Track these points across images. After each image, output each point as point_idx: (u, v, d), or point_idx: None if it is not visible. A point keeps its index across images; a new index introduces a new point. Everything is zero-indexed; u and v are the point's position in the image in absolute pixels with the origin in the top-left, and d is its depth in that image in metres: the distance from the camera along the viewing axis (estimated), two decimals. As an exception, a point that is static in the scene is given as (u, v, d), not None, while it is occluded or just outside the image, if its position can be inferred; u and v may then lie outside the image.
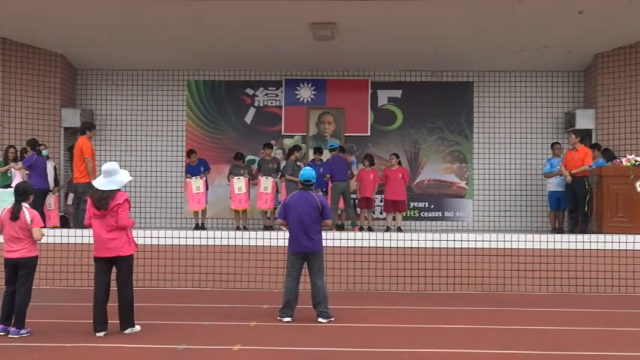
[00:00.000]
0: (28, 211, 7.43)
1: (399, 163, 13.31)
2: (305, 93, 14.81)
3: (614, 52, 13.42)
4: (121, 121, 14.87)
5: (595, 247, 10.76)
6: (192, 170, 13.40)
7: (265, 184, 13.00)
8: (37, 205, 9.10)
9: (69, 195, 13.49)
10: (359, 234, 11.16)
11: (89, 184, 10.20)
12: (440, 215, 14.57)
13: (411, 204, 14.34)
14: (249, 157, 14.25)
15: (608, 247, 10.74)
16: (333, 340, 7.24)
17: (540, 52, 13.43)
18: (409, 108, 14.73)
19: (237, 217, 13.30)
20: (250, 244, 11.00)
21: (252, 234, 11.14)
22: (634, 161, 11.23)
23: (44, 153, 12.35)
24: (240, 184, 13.01)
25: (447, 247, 10.92)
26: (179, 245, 11.04)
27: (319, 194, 8.75)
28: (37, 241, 7.50)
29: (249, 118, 14.84)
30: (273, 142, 14.33)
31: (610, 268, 10.70)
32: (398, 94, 14.78)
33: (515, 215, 14.48)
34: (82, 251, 10.79)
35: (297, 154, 13.20)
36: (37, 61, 13.69)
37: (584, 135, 12.81)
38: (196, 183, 13.11)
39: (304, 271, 8.38)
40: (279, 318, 8.25)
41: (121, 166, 7.88)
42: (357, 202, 13.81)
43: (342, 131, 14.74)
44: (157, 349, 6.86)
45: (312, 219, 8.16)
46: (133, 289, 7.59)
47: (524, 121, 14.61)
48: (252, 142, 14.59)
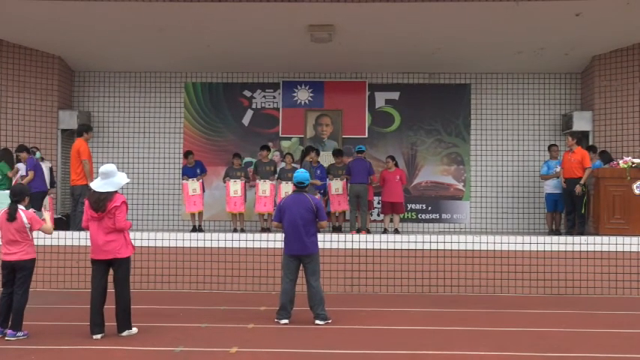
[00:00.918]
0: (24, 213, 7.45)
1: (395, 165, 13.31)
2: (302, 95, 14.81)
3: (611, 54, 13.44)
4: (119, 123, 14.84)
5: (592, 249, 10.78)
6: (188, 172, 13.39)
7: (263, 187, 12.99)
8: (35, 208, 9.09)
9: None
10: (356, 236, 11.16)
11: (86, 186, 10.21)
12: (437, 217, 14.57)
13: (409, 206, 14.34)
14: (246, 159, 14.24)
15: (605, 248, 10.75)
16: (330, 342, 7.25)
17: (538, 54, 13.44)
18: (406, 110, 14.73)
19: (233, 220, 13.29)
20: (247, 246, 11.00)
21: (249, 236, 11.14)
22: (631, 163, 11.24)
23: (37, 155, 12.34)
24: (236, 187, 12.98)
25: (445, 249, 10.92)
26: (176, 247, 11.04)
27: (314, 196, 8.76)
28: (50, 234, 7.85)
29: (246, 120, 14.83)
30: (270, 144, 14.32)
31: (607, 270, 10.71)
32: (395, 96, 14.78)
33: (513, 217, 14.48)
34: (80, 253, 10.78)
35: (312, 154, 13.22)
36: (34, 63, 13.67)
37: (580, 137, 12.82)
38: (193, 185, 13.10)
39: (301, 273, 8.39)
40: (276, 320, 8.25)
41: (119, 169, 7.89)
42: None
43: (340, 133, 14.73)
44: (155, 351, 6.86)
45: (306, 221, 8.17)
46: (130, 291, 7.59)
47: (521, 123, 14.61)
48: (249, 144, 14.57)
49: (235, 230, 12.88)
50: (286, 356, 6.71)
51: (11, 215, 7.39)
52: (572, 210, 11.95)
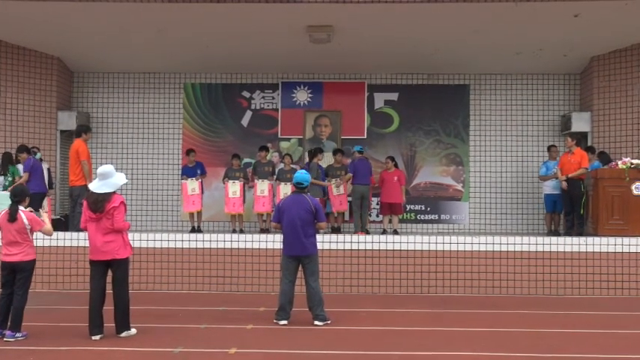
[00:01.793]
0: (24, 214, 7.45)
1: (395, 165, 13.31)
2: (301, 96, 14.81)
3: (610, 55, 13.45)
4: (118, 124, 14.84)
5: (591, 250, 10.77)
6: (188, 172, 13.38)
7: (262, 187, 12.99)
8: (34, 209, 9.06)
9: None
10: (355, 237, 11.15)
11: (85, 186, 10.21)
12: (436, 218, 14.57)
13: (408, 206, 14.34)
14: (245, 160, 14.24)
15: (604, 249, 10.76)
16: (329, 343, 7.25)
17: (536, 55, 13.45)
18: (405, 111, 14.73)
19: (232, 220, 13.29)
20: (246, 246, 11.00)
21: (248, 237, 11.14)
22: (630, 164, 11.24)
23: (37, 156, 12.33)
24: (235, 188, 12.99)
25: (444, 250, 10.92)
26: (175, 248, 11.03)
27: (313, 197, 8.76)
28: (50, 235, 7.84)
29: (245, 120, 14.83)
30: (269, 144, 14.32)
31: (606, 270, 10.71)
32: (394, 96, 14.78)
33: (512, 218, 14.48)
34: (78, 254, 10.77)
35: (320, 156, 13.27)
36: (33, 64, 13.66)
37: (579, 138, 12.83)
38: (192, 184, 13.10)
39: (300, 274, 8.39)
40: (275, 321, 8.25)
41: (118, 169, 7.89)
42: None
43: (339, 134, 14.74)
44: (153, 352, 6.86)
45: (305, 222, 8.17)
46: (128, 292, 7.59)
47: (520, 124, 14.62)
48: (248, 145, 14.56)
49: (234, 231, 12.89)
50: (285, 357, 6.71)
51: (12, 216, 7.39)
52: (571, 211, 11.95)
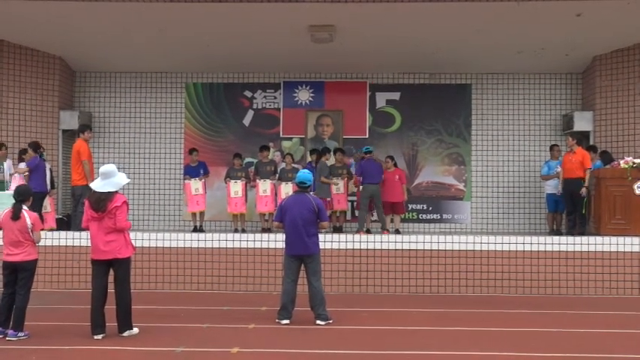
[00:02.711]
0: (28, 214, 7.47)
1: (395, 165, 13.29)
2: (303, 95, 14.82)
3: (612, 55, 13.43)
4: (120, 124, 14.85)
5: (593, 249, 10.77)
6: (191, 172, 13.37)
7: (264, 187, 13.00)
8: (35, 208, 9.09)
9: None
10: (357, 236, 11.16)
11: (87, 186, 10.20)
12: (438, 217, 14.57)
13: (409, 206, 14.34)
14: (247, 160, 14.23)
15: (606, 249, 10.75)
16: (331, 343, 7.25)
17: (538, 54, 13.44)
18: (407, 110, 14.73)
19: (235, 220, 13.29)
20: (248, 246, 11.00)
21: (251, 236, 11.14)
22: (632, 163, 11.23)
23: (42, 156, 12.33)
24: (237, 187, 12.99)
25: (446, 250, 10.92)
26: (177, 248, 11.04)
27: (315, 196, 8.78)
28: (37, 243, 7.59)
29: (247, 120, 14.84)
30: (271, 144, 14.32)
31: (608, 270, 10.71)
32: (396, 96, 14.78)
33: (514, 217, 14.47)
34: (80, 254, 10.77)
35: (327, 156, 13.34)
36: (35, 64, 13.67)
37: (581, 137, 12.83)
38: (195, 184, 13.10)
39: (302, 274, 8.39)
40: (277, 320, 8.25)
41: (120, 169, 7.90)
42: (354, 204, 13.81)
43: (341, 133, 14.74)
44: (156, 351, 6.87)
45: (308, 221, 8.17)
46: (130, 291, 7.59)
47: (522, 123, 14.61)
48: (250, 145, 14.56)
49: (236, 231, 12.89)
50: (287, 356, 6.71)
51: (15, 214, 7.41)
52: (572, 210, 11.95)
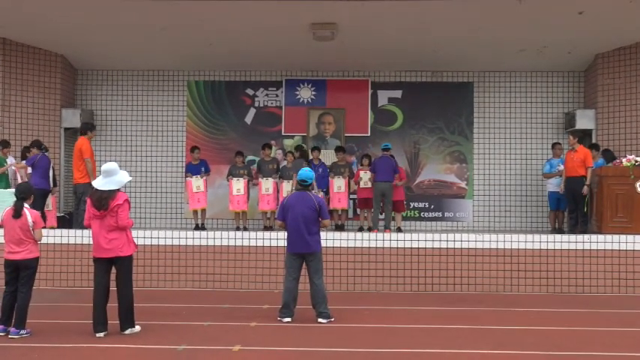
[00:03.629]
0: (29, 212, 7.46)
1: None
2: (305, 93, 14.81)
3: (614, 53, 13.42)
4: (122, 122, 14.86)
5: (595, 248, 10.76)
6: (192, 169, 13.37)
7: (266, 185, 13.00)
8: (37, 206, 9.10)
9: None
10: (359, 234, 11.15)
11: (89, 184, 10.21)
12: (440, 215, 14.56)
13: (411, 204, 14.34)
14: (249, 158, 14.24)
15: (608, 247, 10.74)
16: (333, 341, 7.25)
17: (540, 52, 13.43)
18: (409, 108, 14.72)
19: (236, 218, 13.30)
20: (250, 244, 11.00)
21: (252, 234, 11.14)
22: (634, 161, 11.22)
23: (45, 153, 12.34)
24: (239, 185, 13.00)
25: (447, 248, 10.92)
26: (179, 245, 11.04)
27: (317, 195, 8.78)
28: (38, 241, 7.57)
29: (249, 118, 14.84)
30: (273, 142, 14.32)
31: (610, 268, 10.70)
32: (398, 94, 14.78)
33: (515, 215, 14.47)
34: (82, 252, 10.78)
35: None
36: (37, 62, 13.68)
37: (582, 135, 12.80)
38: (197, 182, 13.10)
39: (303, 272, 8.39)
40: (279, 318, 8.25)
41: (121, 167, 7.90)
42: (356, 202, 13.81)
43: (342, 131, 14.73)
44: (157, 349, 6.87)
45: (309, 219, 8.17)
46: (132, 289, 7.59)
47: (524, 122, 14.60)
48: (252, 143, 14.57)
49: (238, 228, 12.90)
50: (289, 355, 6.71)
51: (17, 212, 7.40)
52: (574, 208, 11.94)
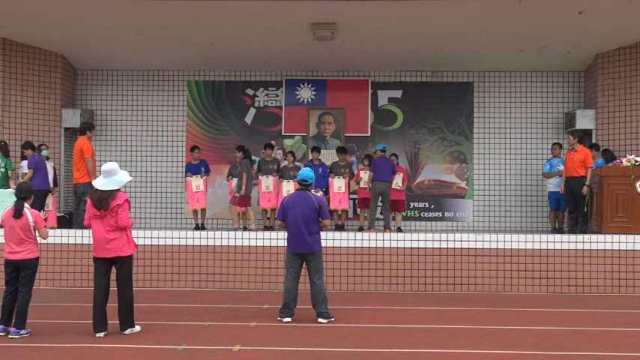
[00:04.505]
0: (29, 212, 7.47)
1: (397, 163, 13.27)
2: (305, 93, 14.81)
3: (614, 53, 13.42)
4: (122, 122, 14.87)
5: (595, 248, 10.76)
6: (192, 169, 13.38)
7: (267, 182, 13.01)
8: (36, 206, 9.11)
9: None
10: (359, 234, 11.15)
11: (89, 184, 10.22)
12: (440, 215, 14.57)
13: (411, 204, 14.35)
14: (249, 158, 14.24)
15: (608, 247, 10.74)
16: (333, 341, 7.25)
17: (540, 52, 13.43)
18: (409, 108, 14.73)
19: (237, 218, 13.29)
20: (250, 244, 11.01)
21: (252, 234, 11.14)
22: (634, 161, 11.23)
23: (44, 153, 12.34)
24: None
25: (447, 248, 10.92)
26: (179, 245, 11.04)
27: (317, 194, 8.78)
28: (44, 239, 7.65)
29: (249, 118, 14.85)
30: (273, 142, 14.33)
31: (610, 268, 10.70)
32: (398, 94, 14.78)
33: (515, 215, 14.48)
34: (82, 252, 10.80)
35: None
36: (37, 62, 13.69)
37: (582, 135, 12.81)
38: (196, 182, 13.11)
39: (304, 272, 8.40)
40: (279, 318, 8.26)
41: (121, 167, 7.90)
42: (356, 202, 13.81)
43: (343, 131, 14.74)
44: (157, 349, 6.87)
45: (309, 219, 8.17)
46: (132, 289, 7.60)
47: (524, 122, 14.61)
48: (252, 143, 14.56)
49: (244, 228, 12.90)
50: (289, 354, 6.71)
51: (18, 212, 7.40)
52: (574, 208, 11.95)
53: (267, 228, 13.06)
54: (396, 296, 10.38)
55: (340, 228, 13.18)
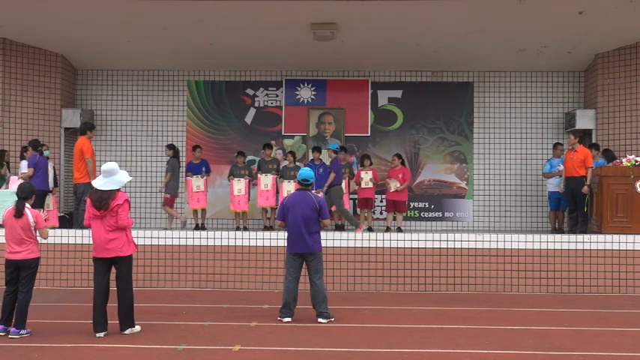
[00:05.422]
0: (30, 212, 7.47)
1: (402, 163, 13.28)
2: (305, 93, 14.81)
3: (614, 53, 13.42)
4: (122, 122, 14.87)
5: (595, 248, 10.76)
6: (193, 169, 13.37)
7: (265, 181, 13.01)
8: (35, 206, 9.10)
9: None
10: (359, 234, 11.15)
11: (89, 184, 10.21)
12: (440, 215, 14.57)
13: (411, 204, 14.35)
14: (249, 158, 14.24)
15: (608, 247, 10.74)
16: (333, 341, 7.25)
17: (540, 52, 13.43)
18: (409, 108, 14.73)
19: (237, 218, 13.31)
20: (250, 244, 11.01)
21: (252, 234, 11.14)
22: (634, 161, 11.23)
23: (46, 154, 12.34)
24: (240, 185, 13.01)
25: (447, 248, 10.92)
26: (179, 245, 11.04)
27: (317, 194, 8.78)
28: (44, 239, 7.65)
29: (249, 118, 14.85)
30: (273, 142, 14.33)
31: (610, 268, 10.71)
32: (398, 94, 14.78)
33: (515, 215, 14.47)
34: (83, 252, 10.80)
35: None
36: (37, 62, 13.68)
37: (582, 135, 12.80)
38: (197, 182, 13.11)
39: (304, 272, 8.40)
40: (279, 318, 8.26)
41: (121, 167, 7.90)
42: (356, 202, 13.81)
43: (343, 131, 14.73)
44: (157, 349, 6.87)
45: (309, 219, 8.17)
46: (132, 289, 7.60)
47: (524, 122, 14.60)
48: (252, 143, 14.59)
49: (238, 228, 12.90)
50: (289, 354, 6.71)
51: (19, 212, 7.41)
52: (574, 208, 11.95)
53: (267, 228, 13.06)
54: (396, 296, 10.39)
55: (340, 228, 13.18)
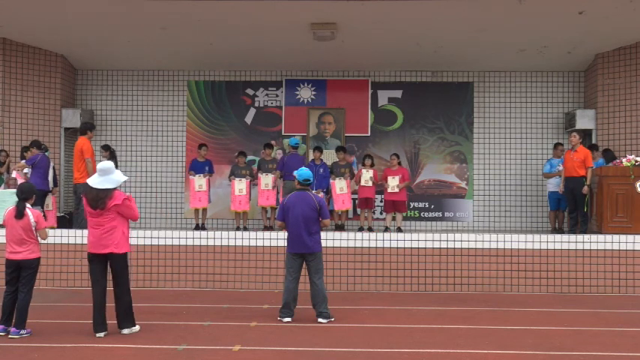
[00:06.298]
0: (31, 212, 7.47)
1: (399, 163, 13.28)
2: (305, 93, 14.81)
3: (614, 53, 13.41)
4: (122, 122, 14.86)
5: (595, 248, 10.77)
6: (197, 166, 13.29)
7: (266, 180, 13.00)
8: (36, 206, 9.10)
9: None
10: (359, 234, 11.15)
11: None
12: (440, 215, 14.56)
13: (411, 204, 14.35)
14: (249, 158, 14.23)
15: (608, 247, 10.75)
16: (333, 341, 7.25)
17: (540, 52, 13.43)
18: (409, 108, 14.73)
19: (237, 218, 13.30)
20: (250, 244, 11.01)
21: (253, 234, 11.15)
22: (634, 161, 11.23)
23: (47, 154, 12.34)
24: (241, 185, 13.01)
25: (447, 248, 10.92)
26: (179, 245, 11.05)
27: (317, 194, 8.78)
28: (43, 240, 7.63)
29: (249, 118, 14.84)
30: (273, 142, 14.33)
31: (610, 268, 10.71)
32: (398, 94, 14.78)
33: (515, 215, 14.47)
34: (82, 252, 10.73)
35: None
36: (37, 62, 13.68)
37: (583, 135, 12.80)
38: (199, 181, 13.08)
39: (304, 272, 8.40)
40: (279, 318, 8.26)
41: (121, 167, 7.90)
42: (356, 202, 13.80)
43: (343, 131, 14.73)
44: (157, 349, 6.87)
45: (309, 219, 8.18)
46: (129, 287, 7.58)
47: (524, 122, 14.60)
48: (252, 143, 14.59)
49: (238, 228, 12.90)
50: (289, 354, 6.71)
51: (20, 212, 7.40)
52: (574, 208, 11.94)
53: (267, 228, 13.05)
54: (396, 296, 10.39)
55: (340, 228, 13.18)
